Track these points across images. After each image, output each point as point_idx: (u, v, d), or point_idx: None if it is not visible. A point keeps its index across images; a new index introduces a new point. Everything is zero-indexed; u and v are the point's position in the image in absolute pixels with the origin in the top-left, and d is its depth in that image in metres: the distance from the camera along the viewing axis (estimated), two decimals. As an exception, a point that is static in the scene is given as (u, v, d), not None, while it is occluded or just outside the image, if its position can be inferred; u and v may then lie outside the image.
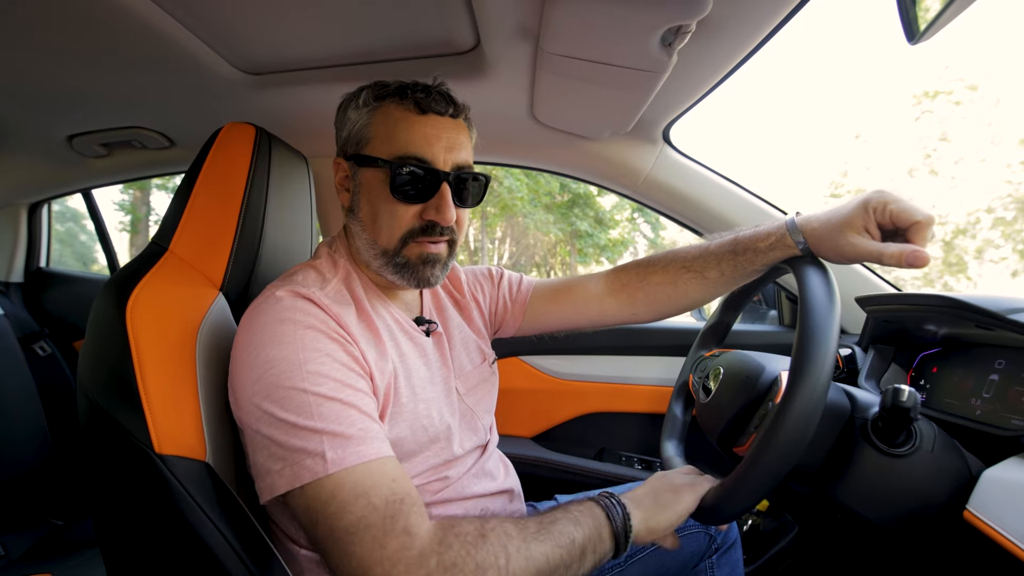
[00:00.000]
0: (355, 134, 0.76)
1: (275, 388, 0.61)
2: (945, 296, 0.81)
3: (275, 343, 0.63)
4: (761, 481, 0.60)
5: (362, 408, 0.63)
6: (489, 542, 0.57)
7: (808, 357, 0.59)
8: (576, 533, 0.62)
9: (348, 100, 0.79)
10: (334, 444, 0.59)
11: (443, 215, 0.73)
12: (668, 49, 0.77)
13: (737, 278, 0.85)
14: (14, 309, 1.61)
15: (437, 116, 0.74)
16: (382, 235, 0.75)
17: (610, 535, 0.65)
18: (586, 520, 0.64)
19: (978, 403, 0.82)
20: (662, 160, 1.23)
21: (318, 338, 0.64)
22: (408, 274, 0.75)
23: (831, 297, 0.63)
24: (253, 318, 0.67)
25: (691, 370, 0.99)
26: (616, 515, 0.66)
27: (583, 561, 0.62)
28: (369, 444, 0.61)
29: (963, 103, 14.66)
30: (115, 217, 9.87)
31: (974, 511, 0.64)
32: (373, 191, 0.74)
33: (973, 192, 14.17)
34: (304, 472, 0.58)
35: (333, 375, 0.63)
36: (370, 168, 0.74)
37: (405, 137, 0.72)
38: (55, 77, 1.06)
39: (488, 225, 14.59)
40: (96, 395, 0.67)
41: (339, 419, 0.60)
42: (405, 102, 0.74)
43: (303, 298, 0.68)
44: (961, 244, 14.23)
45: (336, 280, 0.76)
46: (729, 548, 0.99)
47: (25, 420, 1.44)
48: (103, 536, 0.71)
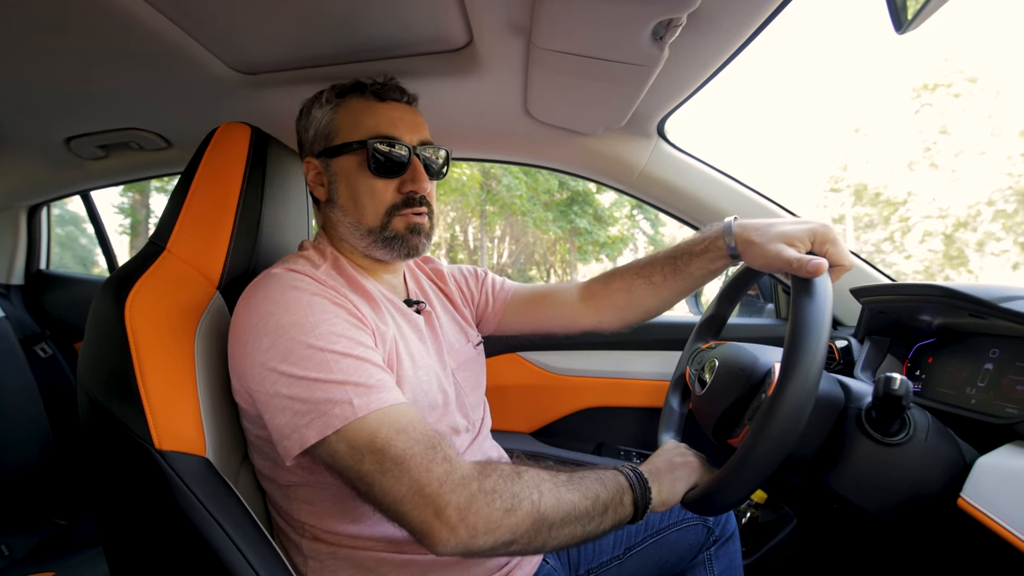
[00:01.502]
0: (322, 131, 0.82)
1: (291, 351, 0.64)
2: (938, 286, 0.81)
3: (285, 310, 0.66)
4: (754, 472, 0.61)
5: (376, 362, 0.67)
6: (524, 480, 0.62)
7: (800, 348, 0.59)
8: (602, 491, 0.66)
9: (309, 103, 0.85)
10: (358, 392, 0.62)
11: (419, 184, 0.79)
12: (659, 43, 0.77)
13: (679, 281, 0.89)
14: (15, 311, 1.62)
15: (395, 102, 0.83)
16: (367, 214, 0.80)
17: (631, 502, 0.68)
18: (611, 483, 0.67)
19: (973, 392, 0.82)
20: (657, 154, 1.23)
21: (324, 304, 0.68)
22: (397, 245, 0.80)
23: (823, 288, 0.64)
24: (254, 295, 0.70)
25: (687, 363, 0.99)
26: (637, 485, 0.69)
27: (603, 518, 0.65)
28: (389, 392, 0.64)
29: (963, 95, 14.64)
30: (115, 220, 9.91)
31: (968, 499, 0.64)
32: (350, 175, 0.80)
33: (974, 185, 14.16)
34: (335, 419, 0.61)
35: (346, 333, 0.66)
36: (344, 155, 0.80)
37: (372, 122, 0.79)
38: (51, 79, 1.06)
39: (487, 224, 14.60)
40: (96, 393, 0.68)
41: (358, 372, 0.64)
42: (365, 95, 0.82)
43: (298, 272, 0.71)
44: (962, 237, 14.22)
45: (326, 264, 0.79)
46: (727, 540, 1.00)
47: (28, 421, 1.45)
48: (105, 533, 0.71)
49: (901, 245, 15.39)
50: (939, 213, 14.60)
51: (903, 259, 15.19)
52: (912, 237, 15.11)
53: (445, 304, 0.97)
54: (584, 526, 0.64)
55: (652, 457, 0.77)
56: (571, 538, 0.64)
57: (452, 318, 0.96)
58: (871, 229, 16.18)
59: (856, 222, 16.49)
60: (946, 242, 14.41)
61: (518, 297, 1.04)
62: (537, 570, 0.86)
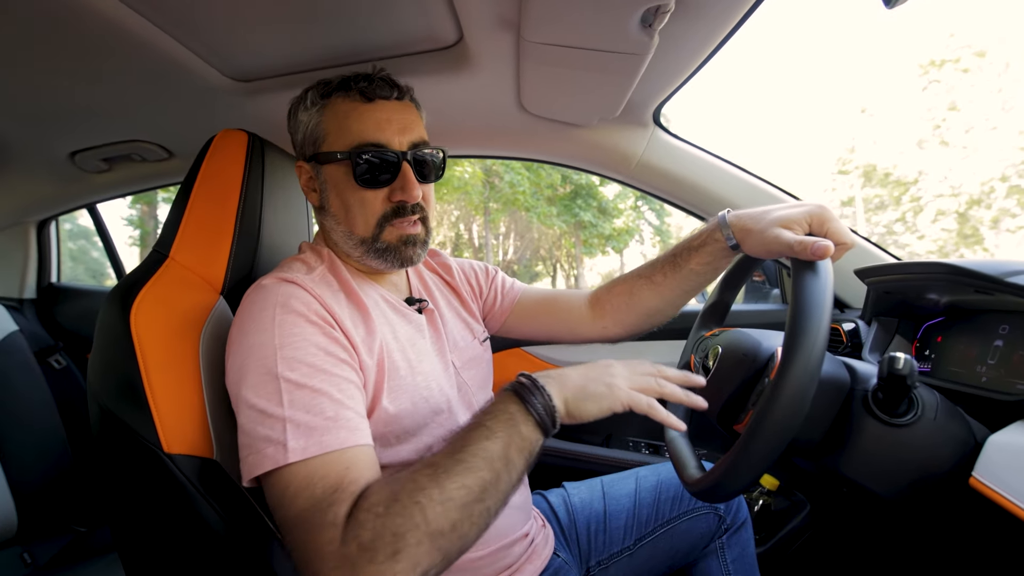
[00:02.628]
0: (309, 135, 0.79)
1: (251, 374, 0.63)
2: (942, 263, 0.80)
3: (256, 330, 0.65)
4: (760, 456, 0.60)
5: (333, 395, 0.63)
6: (400, 503, 0.55)
7: (801, 329, 0.59)
8: (492, 446, 0.59)
9: (295, 104, 0.82)
10: (298, 433, 0.60)
11: (409, 193, 0.76)
12: (649, 30, 0.76)
13: (680, 279, 0.88)
14: (29, 325, 1.65)
15: (384, 101, 0.77)
16: (357, 224, 0.78)
17: (533, 426, 0.61)
18: (500, 426, 0.60)
19: (983, 370, 0.81)
20: (654, 143, 1.22)
21: (297, 322, 0.66)
22: (390, 256, 0.78)
23: (824, 269, 0.63)
24: (242, 307, 0.70)
25: (692, 351, 0.99)
26: (535, 403, 0.61)
27: (509, 467, 0.59)
28: (334, 433, 0.61)
29: (971, 70, 14.36)
30: (124, 232, 10.03)
31: (980, 477, 0.64)
32: (339, 184, 0.77)
33: (986, 161, 13.90)
34: (265, 460, 0.59)
35: (307, 360, 0.64)
36: (331, 164, 0.77)
37: (357, 127, 0.75)
38: (52, 95, 1.08)
39: (491, 221, 14.59)
40: (106, 400, 0.69)
41: (307, 407, 0.61)
42: (351, 94, 0.77)
43: (287, 282, 0.70)
44: (976, 215, 13.98)
45: (322, 267, 0.78)
46: (739, 528, 0.99)
47: (45, 432, 1.48)
48: (119, 538, 0.73)
49: (913, 225, 15.16)
50: (951, 191, 14.36)
51: (916, 240, 14.97)
52: (924, 217, 14.88)
53: (451, 300, 0.96)
54: (492, 494, 0.58)
55: (567, 370, 0.68)
56: (486, 514, 0.58)
57: (457, 315, 0.94)
58: (882, 210, 15.95)
59: (866, 204, 16.27)
60: (960, 220, 14.17)
61: (526, 299, 1.03)
62: (547, 564, 0.86)
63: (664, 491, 0.99)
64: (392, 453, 0.73)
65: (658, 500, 0.98)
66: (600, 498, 1.00)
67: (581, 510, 0.99)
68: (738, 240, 0.79)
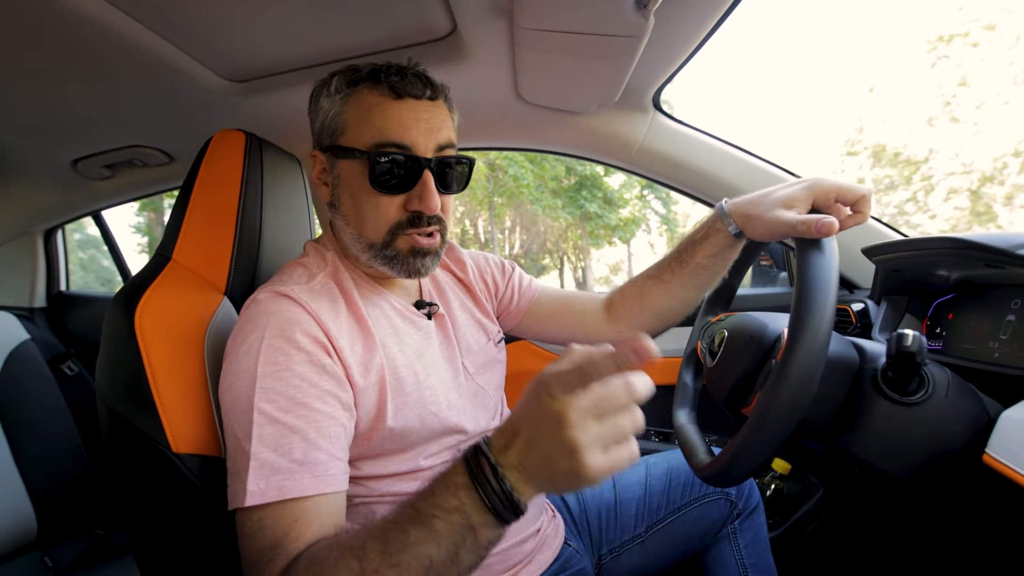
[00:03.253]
0: (329, 123, 0.73)
1: (233, 401, 0.63)
2: (951, 237, 0.78)
3: (244, 352, 0.64)
4: (767, 438, 0.59)
5: (307, 434, 0.60)
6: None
7: (806, 309, 0.58)
8: (436, 552, 0.48)
9: (319, 88, 0.75)
10: (261, 473, 0.58)
11: (427, 204, 0.70)
12: (644, 11, 0.75)
13: (688, 274, 0.87)
14: (40, 333, 1.67)
15: (414, 100, 0.70)
16: (367, 229, 0.73)
17: (491, 527, 0.48)
18: (449, 530, 0.48)
19: (996, 345, 0.79)
20: (655, 128, 1.21)
21: (283, 348, 0.63)
22: (399, 265, 0.74)
23: (828, 248, 0.62)
24: (236, 325, 0.69)
25: (699, 337, 0.98)
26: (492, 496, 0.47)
27: (457, 566, 0.49)
28: (296, 478, 0.58)
29: (981, 44, 14.07)
30: (133, 239, 10.14)
31: (993, 454, 0.62)
32: (353, 184, 0.72)
33: (998, 136, 13.64)
34: (234, 497, 0.60)
35: (287, 392, 0.61)
36: (347, 160, 0.71)
37: (381, 123, 0.69)
38: (51, 103, 1.09)
39: (496, 215, 14.57)
40: (114, 403, 0.70)
41: (276, 445, 0.59)
42: (379, 87, 0.70)
43: (282, 296, 0.67)
44: (989, 192, 13.75)
45: (323, 275, 0.74)
46: (751, 512, 0.99)
47: (60, 437, 1.50)
48: (134, 539, 0.74)
49: (925, 205, 14.93)
50: (963, 169, 14.12)
51: (928, 219, 14.76)
52: (936, 196, 14.65)
53: (464, 300, 0.92)
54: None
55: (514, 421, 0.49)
56: None
57: (470, 316, 0.91)
58: (892, 191, 15.72)
59: (876, 185, 16.03)
60: (972, 198, 13.93)
61: (543, 300, 1.00)
62: (559, 554, 0.86)
63: (675, 478, 0.99)
64: (396, 463, 0.73)
65: (669, 487, 0.98)
66: (610, 486, 1.00)
67: (591, 499, 0.99)
68: (740, 227, 0.78)
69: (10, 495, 1.34)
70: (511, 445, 0.48)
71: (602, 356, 0.45)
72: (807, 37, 27.17)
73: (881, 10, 26.06)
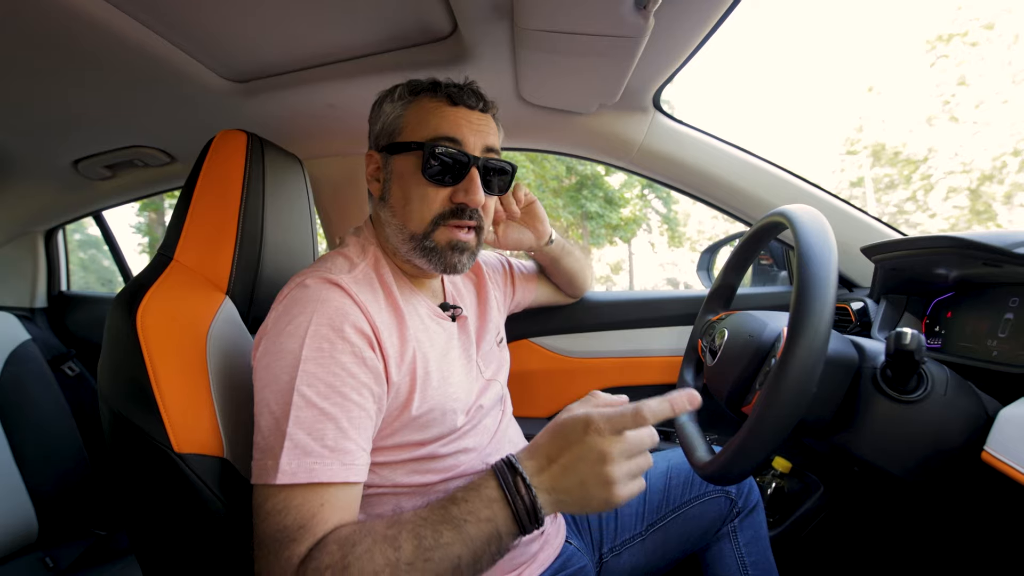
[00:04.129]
0: (388, 126, 0.79)
1: (274, 380, 0.64)
2: (949, 236, 0.79)
3: (289, 334, 0.65)
4: (767, 437, 0.60)
5: (341, 423, 0.63)
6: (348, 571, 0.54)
7: (806, 308, 0.58)
8: (463, 552, 0.55)
9: (383, 96, 0.82)
10: (294, 454, 0.60)
11: (472, 196, 0.75)
12: (643, 12, 0.75)
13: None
14: (41, 333, 1.67)
15: (467, 108, 0.78)
16: (412, 219, 0.77)
17: (513, 535, 0.58)
18: (478, 535, 0.56)
19: (994, 344, 0.80)
20: (655, 128, 1.21)
21: (329, 336, 0.65)
22: (436, 258, 0.77)
23: (827, 246, 0.62)
24: (281, 305, 0.70)
25: (699, 335, 0.98)
26: (520, 508, 0.57)
27: (476, 567, 0.57)
28: (326, 464, 0.61)
29: (980, 44, 14.08)
30: (133, 240, 10.14)
31: (992, 451, 0.63)
32: (405, 176, 0.77)
33: (997, 135, 13.65)
34: (262, 472, 0.61)
35: (328, 378, 0.63)
36: (402, 154, 0.77)
37: (436, 122, 0.76)
38: (51, 104, 1.09)
39: (498, 215, 14.56)
40: (116, 403, 0.70)
41: (311, 429, 0.61)
42: (438, 95, 0.78)
43: (330, 283, 0.70)
44: (988, 191, 13.76)
45: (364, 264, 0.77)
46: (751, 511, 0.99)
47: (61, 438, 1.51)
48: (136, 540, 0.74)
49: (924, 204, 14.94)
50: (962, 168, 14.13)
51: (927, 218, 14.77)
52: (935, 195, 14.66)
53: (477, 301, 0.97)
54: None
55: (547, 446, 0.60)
56: None
57: (484, 317, 0.96)
58: (892, 190, 15.74)
59: (876, 184, 16.05)
60: (971, 197, 13.95)
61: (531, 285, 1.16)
62: (560, 552, 0.87)
63: (674, 476, 0.99)
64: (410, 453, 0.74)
65: (668, 485, 0.98)
66: (611, 485, 1.00)
67: (592, 498, 0.99)
68: None
69: (11, 495, 1.34)
70: (544, 469, 0.59)
71: (659, 405, 0.58)
72: (806, 37, 27.15)
73: (880, 10, 26.04)
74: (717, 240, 1.67)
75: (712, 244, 1.66)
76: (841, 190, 15.46)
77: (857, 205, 1.23)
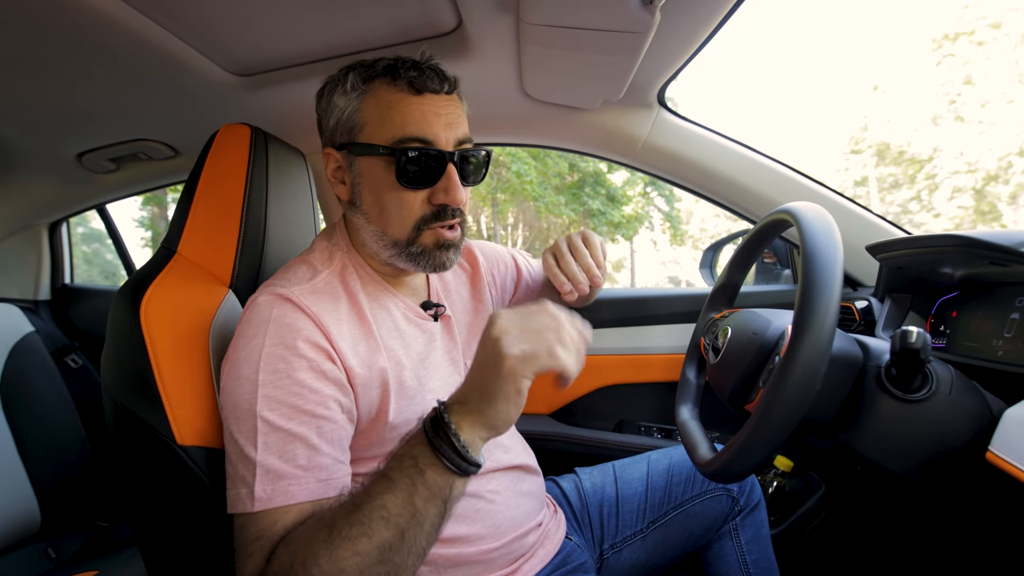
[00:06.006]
0: (345, 121, 0.72)
1: (235, 407, 0.63)
2: (954, 235, 0.78)
3: (244, 359, 0.64)
4: (770, 435, 0.60)
5: (310, 440, 0.62)
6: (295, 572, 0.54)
7: (811, 306, 0.58)
8: (392, 501, 0.54)
9: (331, 85, 0.74)
10: (267, 479, 0.60)
11: (453, 197, 0.70)
12: (650, 7, 0.75)
13: None
14: (44, 326, 1.68)
15: (433, 95, 0.70)
16: (392, 226, 0.72)
17: (441, 471, 0.55)
18: (401, 477, 0.55)
19: (1000, 344, 0.79)
20: (659, 124, 1.21)
21: (284, 356, 0.63)
22: (424, 260, 0.73)
23: (832, 244, 0.62)
24: (237, 329, 0.68)
25: (702, 333, 0.98)
26: (440, 444, 0.55)
27: (418, 518, 0.55)
28: (303, 485, 0.60)
29: (986, 43, 13.99)
30: (136, 234, 10.16)
31: (996, 451, 0.62)
32: (375, 180, 0.71)
33: (1003, 135, 13.57)
34: (236, 501, 0.61)
35: (289, 400, 0.62)
36: (369, 156, 0.71)
37: (401, 120, 0.69)
38: (56, 97, 1.09)
39: (499, 212, 14.55)
40: (119, 395, 0.71)
41: (281, 452, 0.61)
42: (397, 83, 0.70)
43: (283, 299, 0.67)
44: (993, 191, 13.69)
45: (328, 272, 0.74)
46: (753, 509, 0.99)
47: (64, 430, 1.51)
48: (139, 531, 0.74)
49: (929, 204, 14.88)
50: (967, 168, 14.06)
51: (932, 217, 14.70)
52: (940, 195, 14.59)
53: (470, 296, 0.93)
54: (398, 552, 0.54)
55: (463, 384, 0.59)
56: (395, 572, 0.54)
57: (475, 312, 0.92)
58: (896, 189, 15.67)
59: (880, 183, 15.99)
60: (976, 197, 13.88)
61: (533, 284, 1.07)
62: (560, 548, 0.87)
63: (676, 473, 0.99)
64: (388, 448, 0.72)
65: (670, 483, 0.98)
66: (612, 482, 1.00)
67: (593, 495, 0.99)
68: None
69: (14, 487, 1.35)
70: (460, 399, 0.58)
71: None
72: (812, 35, 27.01)
73: (886, 8, 25.87)
74: (721, 238, 1.67)
75: (716, 242, 1.66)
76: (845, 189, 15.40)
77: (864, 205, 1.23)
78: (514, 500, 0.81)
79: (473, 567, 0.76)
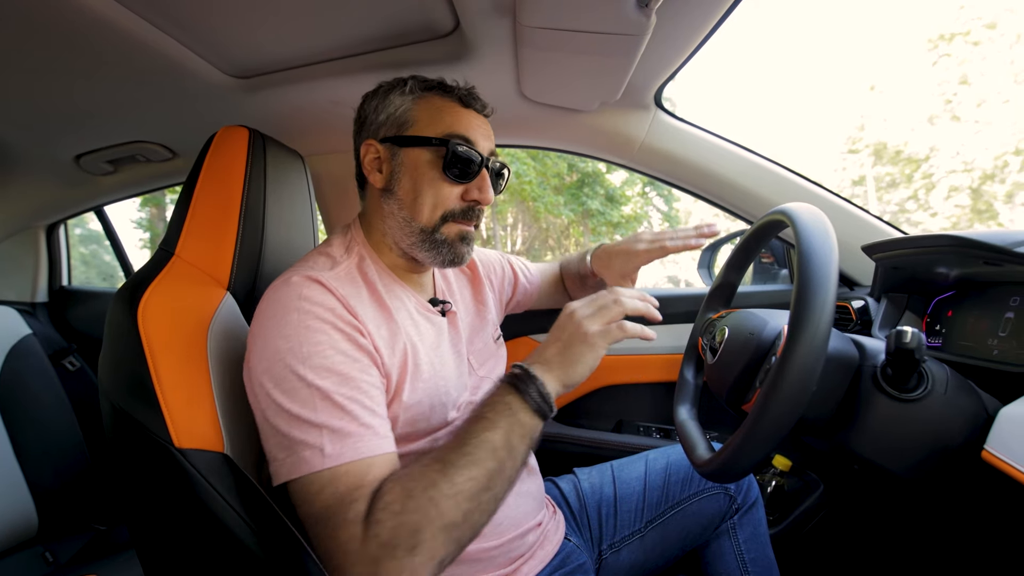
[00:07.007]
0: (397, 117, 0.79)
1: (283, 379, 0.64)
2: (949, 235, 0.79)
3: (282, 335, 0.65)
4: (767, 434, 0.60)
5: (363, 403, 0.65)
6: (415, 500, 0.58)
7: (806, 306, 0.58)
8: (494, 436, 0.62)
9: (391, 86, 0.82)
10: (334, 438, 0.62)
11: (484, 195, 0.79)
12: (645, 10, 0.75)
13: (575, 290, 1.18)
14: (42, 328, 1.67)
15: (476, 112, 0.82)
16: (423, 213, 0.78)
17: (531, 413, 0.65)
18: (499, 418, 0.64)
19: (995, 343, 0.80)
20: (656, 126, 1.21)
21: (323, 329, 0.66)
22: (444, 250, 0.79)
23: (828, 244, 0.62)
24: (267, 305, 0.70)
25: (700, 333, 0.98)
26: (530, 392, 0.65)
27: (512, 454, 0.63)
28: (367, 440, 0.63)
29: (982, 43, 14.04)
30: (135, 235, 10.13)
31: (992, 450, 0.63)
32: (419, 169, 0.78)
33: (999, 135, 13.62)
34: (303, 464, 0.61)
35: (336, 368, 0.65)
36: (416, 148, 0.78)
37: (451, 120, 0.78)
38: (54, 99, 1.09)
39: (499, 212, 14.56)
40: (117, 398, 0.70)
41: (340, 415, 0.63)
42: (449, 95, 0.80)
43: (313, 281, 0.70)
44: (989, 190, 13.73)
45: (347, 263, 0.78)
46: (750, 508, 0.99)
47: (61, 432, 1.51)
48: (136, 534, 0.74)
49: (926, 203, 14.91)
50: (964, 167, 14.10)
51: (929, 217, 14.74)
52: (937, 194, 14.63)
53: (471, 297, 0.97)
54: (498, 481, 0.62)
55: (544, 345, 0.71)
56: (493, 501, 0.62)
57: (477, 313, 0.96)
58: (893, 188, 15.71)
59: (877, 183, 16.02)
60: (973, 196, 13.92)
61: (532, 289, 1.15)
62: (559, 549, 0.87)
63: (674, 473, 1.00)
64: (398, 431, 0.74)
65: (667, 482, 0.99)
66: (610, 482, 1.01)
67: (591, 495, 0.99)
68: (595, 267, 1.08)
69: (11, 490, 1.35)
70: (538, 354, 0.70)
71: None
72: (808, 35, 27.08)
73: (882, 8, 25.95)
74: (718, 238, 1.67)
75: (713, 242, 1.66)
76: (843, 189, 15.45)
77: (858, 204, 1.23)
78: (514, 499, 0.82)
79: (472, 565, 0.77)
